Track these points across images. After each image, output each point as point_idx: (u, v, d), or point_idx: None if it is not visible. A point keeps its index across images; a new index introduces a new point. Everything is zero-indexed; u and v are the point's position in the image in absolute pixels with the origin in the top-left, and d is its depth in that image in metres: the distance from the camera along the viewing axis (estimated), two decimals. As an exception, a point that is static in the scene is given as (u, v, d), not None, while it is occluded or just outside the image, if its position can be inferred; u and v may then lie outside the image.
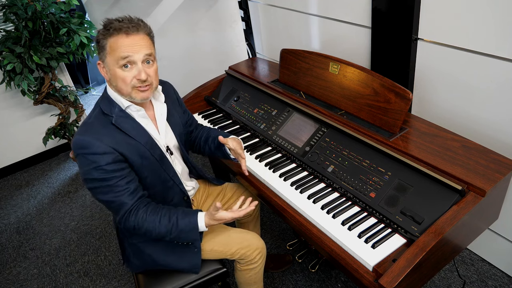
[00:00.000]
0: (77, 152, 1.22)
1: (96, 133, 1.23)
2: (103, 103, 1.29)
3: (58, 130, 2.92)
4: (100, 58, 1.26)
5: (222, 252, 1.49)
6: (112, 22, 1.21)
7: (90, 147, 1.20)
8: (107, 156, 1.21)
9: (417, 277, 1.11)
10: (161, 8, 2.87)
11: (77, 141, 1.21)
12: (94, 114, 1.29)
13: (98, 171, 1.21)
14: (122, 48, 1.20)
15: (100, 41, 1.22)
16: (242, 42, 3.14)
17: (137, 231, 1.29)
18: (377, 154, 1.41)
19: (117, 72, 1.22)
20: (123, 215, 1.27)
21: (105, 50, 1.22)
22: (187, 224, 1.30)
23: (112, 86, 1.29)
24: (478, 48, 1.47)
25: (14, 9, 2.38)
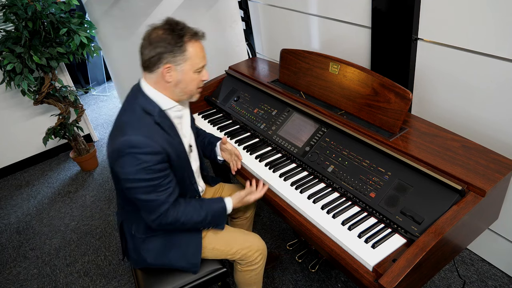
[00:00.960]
0: (126, 151, 1.19)
1: (147, 132, 1.23)
2: (144, 102, 1.28)
3: (58, 130, 2.92)
4: (169, 61, 1.23)
5: (223, 251, 1.49)
6: (185, 26, 1.24)
7: (144, 146, 1.19)
8: (158, 156, 1.22)
9: (417, 277, 1.11)
10: (161, 8, 2.87)
11: (129, 140, 1.19)
12: (137, 113, 1.27)
13: (146, 171, 1.21)
14: (202, 55, 1.28)
15: (181, 45, 1.22)
16: (242, 42, 3.14)
17: (173, 225, 1.32)
18: (377, 154, 1.41)
19: (193, 76, 1.28)
20: (161, 213, 1.28)
21: (184, 54, 1.23)
22: (217, 209, 1.42)
23: (170, 88, 1.28)
24: (478, 48, 1.47)
25: (14, 9, 2.37)
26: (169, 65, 1.23)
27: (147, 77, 1.30)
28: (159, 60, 1.22)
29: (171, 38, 1.21)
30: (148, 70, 1.27)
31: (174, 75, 1.25)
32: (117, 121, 1.30)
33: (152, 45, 1.21)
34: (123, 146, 1.20)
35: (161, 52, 1.21)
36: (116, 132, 1.26)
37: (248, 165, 1.67)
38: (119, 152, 1.20)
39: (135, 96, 1.30)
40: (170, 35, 1.21)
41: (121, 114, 1.30)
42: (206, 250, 1.48)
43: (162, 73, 1.24)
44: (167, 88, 1.28)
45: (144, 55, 1.24)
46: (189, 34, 1.24)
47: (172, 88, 1.29)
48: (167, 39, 1.21)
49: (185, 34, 1.23)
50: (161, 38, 1.21)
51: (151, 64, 1.24)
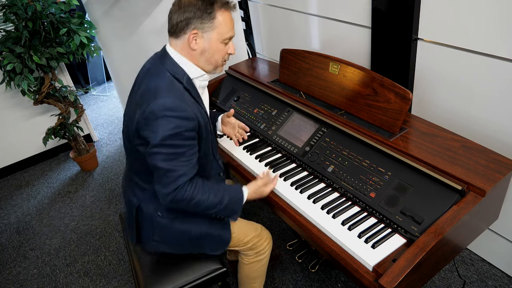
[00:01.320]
0: (162, 114, 1.15)
1: (181, 97, 1.20)
2: (172, 68, 1.25)
3: (58, 130, 2.92)
4: (197, 27, 1.20)
5: (239, 239, 1.49)
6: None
7: (179, 110, 1.17)
8: (191, 122, 1.19)
9: (417, 277, 1.11)
10: (161, 8, 2.87)
11: (164, 103, 1.16)
12: (167, 78, 1.23)
13: (176, 136, 1.17)
14: (231, 26, 1.25)
15: (210, 11, 1.19)
16: (242, 42, 3.14)
17: (185, 203, 1.24)
18: (377, 154, 1.41)
19: (219, 46, 1.26)
20: (178, 186, 1.21)
21: (212, 22, 1.20)
22: (235, 196, 1.35)
23: (195, 56, 1.26)
24: (478, 48, 1.47)
25: (14, 9, 2.37)
26: (196, 31, 1.21)
27: (172, 43, 1.27)
28: (187, 26, 1.20)
29: (201, 3, 1.19)
30: (175, 36, 1.25)
31: (200, 43, 1.23)
32: (145, 85, 1.24)
33: (181, 10, 1.19)
34: (158, 108, 1.16)
35: (189, 17, 1.19)
36: (147, 96, 1.20)
37: (248, 165, 1.67)
38: (153, 115, 1.16)
39: (161, 61, 1.27)
40: (200, 0, 1.19)
41: (149, 79, 1.25)
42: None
43: (188, 39, 1.22)
44: (192, 55, 1.26)
45: (172, 20, 1.22)
46: (220, 2, 1.21)
47: (197, 56, 1.26)
48: (197, 5, 1.19)
49: (216, 2, 1.21)
50: (191, 3, 1.19)
51: (178, 29, 1.22)
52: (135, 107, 1.24)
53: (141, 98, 1.23)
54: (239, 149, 1.77)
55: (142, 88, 1.25)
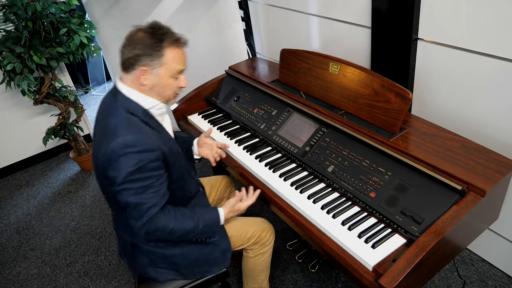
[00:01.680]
0: (122, 152, 1.16)
1: (139, 131, 1.21)
2: (125, 104, 1.26)
3: (58, 130, 2.92)
4: (146, 65, 1.22)
5: (241, 237, 1.51)
6: (168, 32, 1.23)
7: (139, 144, 1.18)
8: (153, 153, 1.20)
9: (417, 277, 1.11)
10: (161, 8, 2.87)
11: (124, 141, 1.17)
12: (123, 115, 1.24)
13: (140, 170, 1.18)
14: (181, 61, 1.27)
15: (159, 49, 1.21)
16: (242, 42, 3.14)
17: (159, 232, 1.26)
18: (377, 154, 1.41)
19: (169, 81, 1.27)
20: (150, 217, 1.23)
21: (161, 58, 1.22)
22: (210, 218, 1.37)
23: (146, 90, 1.27)
24: (478, 48, 1.47)
25: (14, 9, 2.37)
26: (145, 68, 1.23)
27: (123, 77, 1.28)
28: (136, 62, 1.22)
29: (150, 41, 1.20)
30: (126, 71, 1.26)
31: (149, 78, 1.25)
32: (103, 126, 1.25)
33: (131, 46, 1.21)
34: (117, 147, 1.17)
35: (138, 54, 1.21)
36: (105, 137, 1.21)
37: (248, 165, 1.67)
38: (114, 154, 1.17)
39: (114, 99, 1.28)
40: (150, 38, 1.20)
41: (106, 119, 1.26)
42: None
43: (137, 75, 1.24)
44: (142, 90, 1.27)
45: (123, 55, 1.24)
46: (169, 40, 1.23)
47: (147, 91, 1.28)
48: (146, 42, 1.20)
49: (165, 39, 1.22)
50: (140, 40, 1.20)
51: (128, 64, 1.24)
52: (97, 149, 1.24)
53: (100, 140, 1.24)
54: (239, 149, 1.77)
55: (101, 130, 1.26)
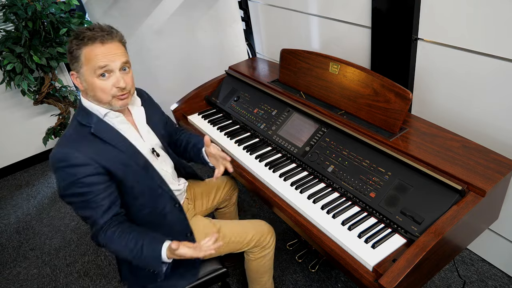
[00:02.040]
0: (55, 167, 1.16)
1: (75, 144, 1.19)
2: (80, 115, 1.25)
3: (58, 130, 2.92)
4: (73, 69, 1.22)
5: (239, 241, 1.51)
6: (84, 32, 1.18)
7: (69, 159, 1.15)
8: (86, 167, 1.16)
9: (417, 277, 1.11)
10: (161, 8, 2.87)
11: (55, 154, 1.16)
12: (72, 127, 1.25)
13: (76, 185, 1.16)
14: (99, 57, 1.17)
15: (73, 52, 1.18)
16: (242, 42, 3.14)
17: (106, 249, 1.28)
18: (377, 154, 1.41)
19: (95, 82, 1.19)
20: (94, 232, 1.23)
21: (79, 60, 1.18)
22: (151, 253, 1.22)
23: (88, 97, 1.25)
24: (478, 48, 1.47)
25: (14, 9, 2.37)
26: (72, 72, 1.22)
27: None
28: (70, 68, 1.22)
29: (69, 46, 1.18)
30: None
31: (79, 83, 1.23)
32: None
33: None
34: (51, 162, 1.17)
35: (68, 61, 1.21)
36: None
37: (248, 165, 1.67)
38: (52, 168, 1.18)
39: (77, 109, 1.29)
40: (70, 42, 1.18)
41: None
42: (223, 245, 1.47)
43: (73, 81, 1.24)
44: (88, 96, 1.25)
45: None
46: (85, 39, 1.17)
47: (87, 96, 1.25)
48: (68, 48, 1.19)
49: (83, 40, 1.17)
50: (67, 48, 1.21)
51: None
52: None
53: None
54: (239, 149, 1.77)
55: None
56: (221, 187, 1.81)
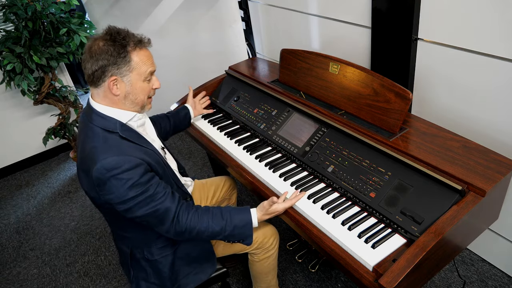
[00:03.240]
0: (107, 176, 1.11)
1: (118, 150, 1.15)
2: (101, 122, 1.21)
3: (58, 130, 2.92)
4: (117, 74, 1.17)
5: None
6: (128, 35, 1.18)
7: (121, 165, 1.12)
8: (139, 168, 1.15)
9: (417, 277, 1.11)
10: (161, 8, 2.87)
11: (105, 165, 1.11)
12: (99, 135, 1.19)
13: (135, 188, 1.14)
14: (149, 62, 1.22)
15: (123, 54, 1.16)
16: (242, 42, 3.15)
17: (187, 234, 1.25)
18: (377, 154, 1.41)
19: (143, 86, 1.23)
20: (172, 220, 1.21)
21: (129, 65, 1.17)
22: (241, 220, 1.30)
23: (120, 101, 1.22)
24: (478, 48, 1.47)
25: (14, 9, 2.38)
26: (114, 77, 1.17)
27: (94, 93, 1.23)
28: (104, 74, 1.16)
29: (113, 49, 1.15)
30: (94, 85, 1.20)
31: (121, 87, 1.20)
32: (83, 151, 1.19)
33: (93, 58, 1.15)
34: (101, 173, 1.12)
35: (104, 65, 1.15)
36: (88, 163, 1.16)
37: (248, 165, 1.67)
38: (101, 181, 1.13)
39: (89, 118, 1.22)
40: (112, 46, 1.15)
41: (84, 143, 1.20)
42: (227, 246, 1.50)
43: (108, 86, 1.18)
44: (116, 102, 1.22)
45: (87, 70, 1.17)
46: (132, 43, 1.18)
47: (122, 101, 1.22)
48: (109, 51, 1.14)
49: (128, 43, 1.17)
50: (102, 50, 1.15)
51: (96, 78, 1.17)
52: (82, 173, 1.21)
53: (83, 165, 1.19)
54: (239, 149, 1.77)
55: (81, 153, 1.21)
56: (220, 186, 1.82)
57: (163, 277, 1.40)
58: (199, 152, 3.14)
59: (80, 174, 1.22)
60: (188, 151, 3.18)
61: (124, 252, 1.41)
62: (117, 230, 1.39)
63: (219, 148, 1.85)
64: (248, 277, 2.03)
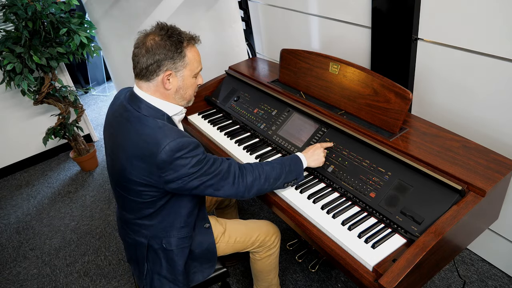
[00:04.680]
0: (175, 157, 1.15)
1: (179, 133, 1.20)
2: (150, 112, 1.23)
3: (58, 130, 2.92)
4: (172, 68, 1.21)
5: (245, 241, 1.53)
6: (180, 31, 1.23)
7: (187, 146, 1.17)
8: (200, 147, 1.22)
9: (417, 277, 1.11)
10: (161, 8, 2.87)
11: (172, 147, 1.14)
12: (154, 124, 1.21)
13: (200, 164, 1.20)
14: (199, 59, 1.28)
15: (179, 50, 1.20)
16: (242, 42, 3.14)
17: (257, 183, 1.33)
18: (377, 154, 1.41)
19: (191, 81, 1.28)
20: (239, 172, 1.29)
21: (184, 60, 1.22)
22: (291, 158, 1.43)
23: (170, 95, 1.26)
24: (478, 48, 1.47)
25: (14, 9, 2.37)
26: (169, 71, 1.21)
27: (143, 86, 1.24)
28: (159, 68, 1.19)
29: (170, 44, 1.18)
30: (146, 79, 1.22)
31: (174, 82, 1.24)
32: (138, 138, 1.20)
33: (150, 53, 1.18)
34: (168, 156, 1.15)
35: (160, 59, 1.18)
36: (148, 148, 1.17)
37: (248, 165, 1.67)
38: (165, 163, 1.16)
39: (137, 107, 1.24)
40: (168, 41, 1.18)
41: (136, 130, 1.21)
42: (228, 245, 1.51)
43: (162, 80, 1.22)
44: (167, 95, 1.26)
45: (141, 63, 1.20)
46: (186, 40, 1.22)
47: (172, 95, 1.27)
48: (166, 46, 1.18)
49: (184, 39, 1.21)
50: (159, 45, 1.18)
51: (149, 72, 1.20)
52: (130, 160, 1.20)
53: (139, 151, 1.19)
54: (239, 149, 1.77)
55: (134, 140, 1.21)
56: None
57: (176, 270, 1.39)
58: (199, 152, 3.14)
59: (134, 162, 1.20)
60: (188, 151, 3.18)
61: (140, 245, 1.39)
62: (140, 221, 1.37)
63: (219, 148, 1.85)
64: (248, 277, 2.03)
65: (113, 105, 1.36)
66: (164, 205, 1.30)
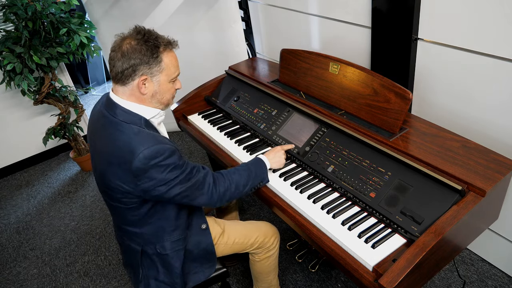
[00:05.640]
0: (150, 165, 1.14)
1: (154, 139, 1.18)
2: (126, 117, 1.22)
3: (58, 130, 2.92)
4: (147, 73, 1.19)
5: (243, 243, 1.53)
6: (158, 36, 1.21)
7: (162, 153, 1.16)
8: (177, 153, 1.21)
9: (417, 277, 1.11)
10: (161, 8, 2.87)
11: (147, 155, 1.13)
12: (129, 130, 1.19)
13: (176, 170, 1.19)
14: (176, 64, 1.27)
15: (155, 55, 1.18)
16: (242, 42, 3.14)
17: (227, 193, 1.35)
18: (377, 154, 1.41)
19: (168, 86, 1.26)
20: (212, 183, 1.31)
21: (160, 65, 1.20)
22: (256, 164, 1.46)
23: (146, 100, 1.24)
24: (478, 48, 1.47)
25: (14, 9, 2.37)
26: (145, 76, 1.19)
27: (119, 90, 1.23)
28: (134, 72, 1.17)
29: (146, 48, 1.16)
30: (121, 83, 1.20)
31: (149, 87, 1.22)
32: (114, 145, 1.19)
33: (125, 57, 1.16)
34: (143, 163, 1.14)
35: (135, 64, 1.16)
36: (123, 156, 1.16)
37: (248, 165, 1.67)
38: (141, 171, 1.14)
39: (113, 113, 1.22)
40: (144, 45, 1.16)
41: (113, 136, 1.20)
42: (227, 246, 1.51)
43: (137, 85, 1.20)
44: (142, 99, 1.24)
45: (116, 67, 1.18)
46: (163, 44, 1.20)
47: (148, 99, 1.25)
48: (142, 51, 1.16)
49: (160, 44, 1.19)
50: (135, 50, 1.16)
51: (124, 76, 1.18)
52: (114, 166, 1.19)
53: (116, 158, 1.18)
54: (239, 149, 1.77)
55: (110, 147, 1.20)
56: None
57: (174, 273, 1.39)
58: (199, 152, 3.14)
59: (110, 169, 1.20)
60: (188, 151, 3.18)
61: (134, 251, 1.39)
62: (128, 227, 1.37)
63: (219, 148, 1.85)
64: (248, 277, 2.03)
65: (93, 111, 1.34)
66: (148, 212, 1.29)
